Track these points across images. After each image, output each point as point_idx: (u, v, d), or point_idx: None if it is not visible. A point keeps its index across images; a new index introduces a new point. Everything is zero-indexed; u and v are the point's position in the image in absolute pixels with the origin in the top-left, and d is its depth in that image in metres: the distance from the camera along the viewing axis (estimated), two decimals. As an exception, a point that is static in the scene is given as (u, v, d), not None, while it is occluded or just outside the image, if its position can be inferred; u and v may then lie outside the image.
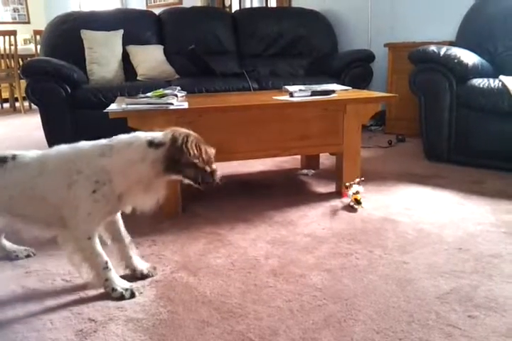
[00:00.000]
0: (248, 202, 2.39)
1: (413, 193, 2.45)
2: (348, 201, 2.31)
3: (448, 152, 2.95)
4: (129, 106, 2.09)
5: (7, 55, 5.94)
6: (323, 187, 2.59)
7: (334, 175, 2.53)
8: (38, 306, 1.48)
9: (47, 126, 3.25)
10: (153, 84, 3.39)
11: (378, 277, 1.60)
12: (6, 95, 6.59)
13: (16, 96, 6.29)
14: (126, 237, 1.65)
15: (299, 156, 3.02)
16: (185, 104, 2.16)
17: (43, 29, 4.15)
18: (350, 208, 2.25)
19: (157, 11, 4.39)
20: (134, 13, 4.29)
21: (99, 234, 1.54)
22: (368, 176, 2.56)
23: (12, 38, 5.88)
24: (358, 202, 2.24)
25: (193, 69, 3.90)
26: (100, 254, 1.49)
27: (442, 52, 2.85)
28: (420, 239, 1.89)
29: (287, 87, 2.65)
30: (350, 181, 2.31)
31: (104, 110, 2.04)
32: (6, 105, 6.73)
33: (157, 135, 1.47)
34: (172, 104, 2.12)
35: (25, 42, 7.55)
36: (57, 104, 3.21)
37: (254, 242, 1.91)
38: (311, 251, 1.81)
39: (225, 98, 2.56)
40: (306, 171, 2.91)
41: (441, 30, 3.77)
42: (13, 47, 5.90)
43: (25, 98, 4.66)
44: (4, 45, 5.86)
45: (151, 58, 3.89)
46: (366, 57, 3.93)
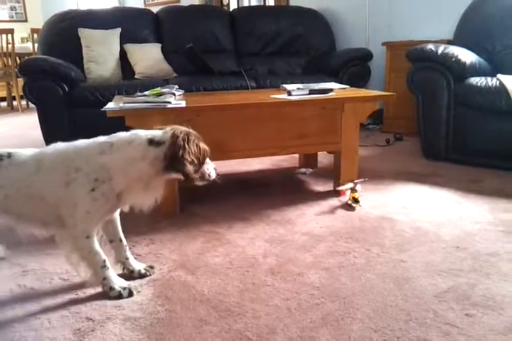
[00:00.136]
0: (246, 200, 2.39)
1: (411, 192, 2.46)
2: (345, 199, 2.31)
3: (446, 150, 2.95)
4: (126, 105, 2.08)
5: (4, 54, 5.93)
6: (321, 186, 2.59)
7: (332, 173, 2.53)
8: (35, 305, 1.48)
9: (44, 124, 3.25)
10: (150, 82, 3.38)
11: (376, 275, 1.60)
12: (4, 94, 6.58)
13: (14, 94, 6.29)
14: (123, 238, 1.64)
15: (297, 155, 3.02)
16: (183, 103, 2.16)
17: (40, 27, 4.15)
18: (348, 206, 2.25)
19: (155, 10, 4.38)
20: (131, 11, 4.28)
21: (99, 233, 1.54)
22: (366, 175, 2.56)
23: (9, 36, 5.86)
24: (356, 200, 2.24)
25: (191, 67, 3.90)
26: (98, 253, 1.48)
27: (440, 51, 2.85)
28: (418, 238, 1.90)
29: (285, 86, 2.65)
30: (346, 182, 2.31)
31: (102, 109, 2.04)
32: (4, 104, 6.72)
33: (157, 133, 1.46)
34: (170, 102, 2.11)
35: (23, 41, 7.53)
36: (54, 102, 3.21)
37: (252, 241, 1.91)
38: (309, 250, 1.81)
39: (223, 96, 2.56)
40: (304, 170, 2.91)
41: (439, 28, 3.77)
42: (10, 45, 5.89)
43: (22, 97, 4.65)
44: (1, 43, 5.85)
45: (148, 57, 3.89)
46: (364, 56, 3.93)
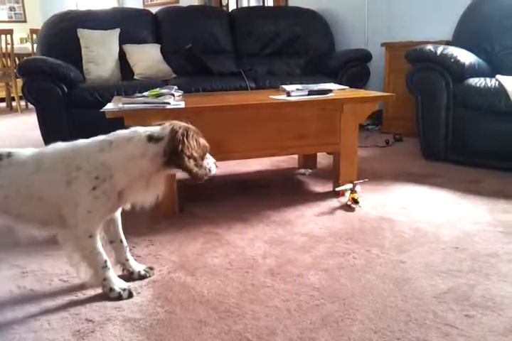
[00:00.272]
0: (245, 201, 2.39)
1: (410, 192, 2.46)
2: (345, 200, 2.31)
3: (445, 151, 2.96)
4: (125, 106, 2.08)
5: (3, 54, 5.93)
6: (321, 187, 2.59)
7: (331, 174, 2.53)
8: (35, 307, 1.48)
9: (43, 125, 3.24)
10: (149, 83, 3.38)
11: (375, 276, 1.60)
12: (3, 94, 6.57)
13: (13, 95, 6.28)
14: (124, 239, 1.64)
15: (297, 156, 3.02)
16: (182, 104, 2.16)
17: (39, 28, 4.15)
18: (348, 207, 2.25)
19: (154, 10, 4.38)
20: (130, 12, 4.28)
21: (100, 233, 1.53)
22: (365, 175, 2.56)
23: (8, 36, 5.86)
24: (356, 201, 2.24)
25: (190, 68, 3.90)
26: (100, 253, 1.48)
27: (439, 52, 2.86)
28: (417, 239, 1.90)
29: (284, 87, 2.65)
30: (345, 183, 2.31)
31: (101, 109, 2.03)
32: (3, 104, 6.71)
33: (156, 129, 1.45)
34: (169, 103, 2.11)
35: (22, 41, 7.53)
36: (53, 103, 3.20)
37: (251, 242, 1.91)
38: (309, 251, 1.81)
39: (222, 97, 2.56)
40: (303, 171, 2.91)
41: (438, 29, 3.78)
42: (9, 46, 5.89)
43: (21, 97, 4.64)
44: (0, 44, 5.84)
45: (147, 57, 3.89)
46: (363, 57, 3.93)
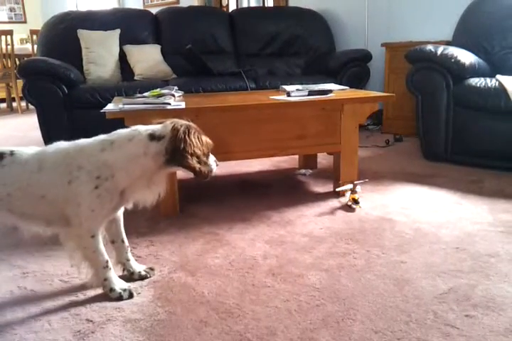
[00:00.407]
0: (246, 202, 2.39)
1: (410, 193, 2.46)
2: (345, 200, 2.31)
3: (445, 151, 2.96)
4: (125, 106, 2.08)
5: (3, 55, 5.93)
6: (321, 187, 2.59)
7: (332, 174, 2.53)
8: (35, 307, 1.48)
9: (44, 126, 3.25)
10: (150, 83, 3.39)
11: (376, 277, 1.60)
12: (3, 95, 6.57)
13: (13, 96, 6.28)
14: (126, 239, 1.64)
15: (297, 156, 3.02)
16: (183, 104, 2.16)
17: (39, 29, 4.15)
18: (348, 208, 2.25)
19: (154, 11, 4.38)
20: (131, 12, 4.28)
21: (102, 232, 1.53)
22: (366, 176, 2.56)
23: (9, 37, 5.86)
24: (356, 201, 2.24)
25: (190, 68, 3.90)
26: (102, 253, 1.48)
27: (439, 52, 2.86)
28: (417, 239, 1.90)
29: (284, 87, 2.65)
30: (345, 183, 2.31)
31: (101, 110, 2.04)
32: (3, 105, 6.71)
33: (157, 128, 1.46)
34: (169, 103, 2.11)
35: (22, 42, 7.53)
36: (54, 104, 3.21)
37: (252, 242, 1.91)
38: (309, 251, 1.81)
39: (223, 98, 2.56)
40: (303, 171, 2.91)
41: (438, 29, 3.78)
42: (9, 46, 5.89)
43: (22, 98, 4.65)
44: (1, 44, 5.84)
45: (148, 58, 3.89)
46: (363, 57, 3.93)
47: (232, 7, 6.32)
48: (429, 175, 2.75)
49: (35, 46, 4.87)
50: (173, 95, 2.34)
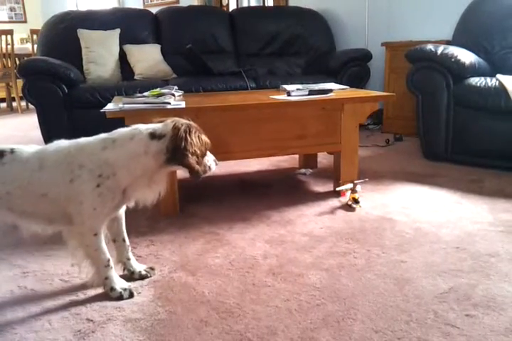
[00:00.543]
0: (246, 201, 2.39)
1: (411, 192, 2.46)
2: (345, 200, 2.31)
3: (445, 151, 2.96)
4: (126, 106, 2.08)
5: (4, 55, 5.92)
6: (321, 187, 2.59)
7: (332, 174, 2.53)
8: (36, 307, 1.48)
9: (44, 125, 3.25)
10: (150, 83, 3.39)
11: (376, 276, 1.60)
12: (3, 95, 6.56)
13: (13, 95, 6.28)
14: (127, 238, 1.64)
15: (297, 155, 3.02)
16: (183, 104, 2.16)
17: (39, 28, 4.15)
18: (348, 207, 2.25)
19: (154, 10, 4.38)
20: (131, 12, 4.28)
21: (104, 231, 1.53)
22: (366, 175, 2.56)
23: (9, 37, 5.86)
24: (356, 201, 2.24)
25: (190, 68, 3.90)
26: (104, 251, 1.48)
27: (439, 51, 2.86)
28: (418, 238, 1.90)
29: (285, 86, 2.65)
30: (346, 183, 2.31)
31: (101, 110, 2.04)
32: (3, 105, 6.71)
33: (157, 126, 1.46)
34: (169, 103, 2.11)
35: (22, 42, 7.53)
36: (54, 103, 3.21)
37: (252, 242, 1.91)
38: (309, 251, 1.81)
39: (223, 97, 2.56)
40: (303, 170, 2.91)
41: (439, 29, 3.78)
42: (9, 46, 5.89)
43: (22, 98, 4.65)
44: (1, 44, 5.84)
45: (148, 57, 3.89)
46: (363, 56, 3.93)
47: (232, 7, 6.32)
48: (430, 174, 2.75)
49: (35, 46, 4.88)
50: (173, 95, 2.34)
